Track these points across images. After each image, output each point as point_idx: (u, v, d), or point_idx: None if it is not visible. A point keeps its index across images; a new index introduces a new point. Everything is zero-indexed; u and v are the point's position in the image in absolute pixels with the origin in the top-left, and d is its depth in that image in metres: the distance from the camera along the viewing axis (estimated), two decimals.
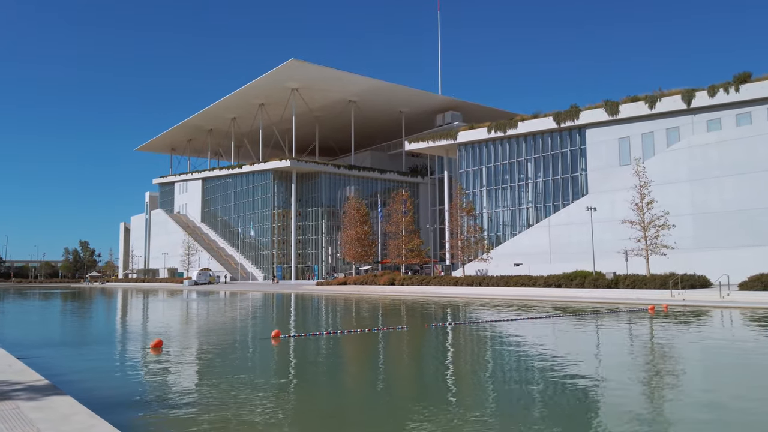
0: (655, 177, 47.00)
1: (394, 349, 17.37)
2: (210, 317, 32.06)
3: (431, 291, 50.30)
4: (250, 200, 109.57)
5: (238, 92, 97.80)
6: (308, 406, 10.34)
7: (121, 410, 9.56)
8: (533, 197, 64.00)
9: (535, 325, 22.45)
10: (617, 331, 20.90)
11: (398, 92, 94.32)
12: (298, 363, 15.20)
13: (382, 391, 11.44)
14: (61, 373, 12.54)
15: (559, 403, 10.06)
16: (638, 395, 10.70)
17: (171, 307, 43.27)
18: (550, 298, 37.76)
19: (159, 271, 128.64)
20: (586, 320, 24.28)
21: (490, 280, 48.18)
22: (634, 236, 41.58)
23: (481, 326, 22.25)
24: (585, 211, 55.12)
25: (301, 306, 40.33)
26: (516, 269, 57.63)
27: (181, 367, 14.44)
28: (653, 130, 52.72)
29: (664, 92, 51.95)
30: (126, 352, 17.51)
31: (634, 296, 34.86)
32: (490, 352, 16.27)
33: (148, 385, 11.97)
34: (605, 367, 13.69)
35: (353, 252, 65.71)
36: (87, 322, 31.61)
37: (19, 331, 25.19)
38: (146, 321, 30.67)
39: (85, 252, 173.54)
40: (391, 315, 30.20)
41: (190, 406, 9.89)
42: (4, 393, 9.21)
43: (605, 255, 49.17)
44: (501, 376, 12.67)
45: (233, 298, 53.58)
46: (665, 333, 19.87)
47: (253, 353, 16.97)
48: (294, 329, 22.41)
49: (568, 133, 60.52)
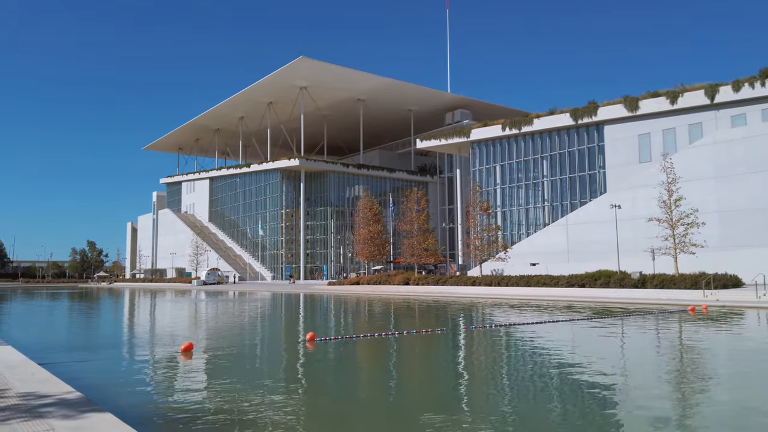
0: (679, 174, 45.78)
1: (444, 355, 16.24)
2: (232, 318, 30.99)
3: (448, 291, 49.21)
4: (259, 200, 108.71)
5: (246, 91, 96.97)
6: (383, 421, 9.29)
7: (170, 429, 8.57)
8: (549, 195, 62.86)
9: (580, 329, 21.29)
10: (671, 335, 19.66)
11: (407, 90, 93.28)
12: (344, 369, 14.13)
13: (454, 402, 10.37)
14: (91, 383, 11.47)
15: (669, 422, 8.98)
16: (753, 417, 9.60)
17: (187, 307, 42.21)
18: (575, 298, 36.61)
19: (166, 271, 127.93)
20: (630, 323, 23.13)
21: (510, 280, 47.05)
22: (660, 234, 40.36)
23: (522, 329, 21.11)
24: (604, 210, 54.02)
25: (321, 307, 39.25)
26: (533, 269, 56.51)
27: (219, 374, 13.34)
28: (675, 126, 51.51)
29: (686, 87, 50.76)
30: (155, 356, 16.33)
31: (664, 297, 33.69)
32: (545, 359, 15.17)
33: (190, 396, 10.86)
34: (691, 383, 12.58)
35: (366, 251, 64.65)
36: (103, 323, 30.61)
37: (33, 333, 24.12)
38: (166, 322, 29.52)
39: (92, 252, 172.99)
40: (420, 316, 29.05)
41: (249, 424, 8.79)
42: (33, 409, 8.18)
43: (626, 254, 48.01)
44: (567, 387, 11.59)
45: (248, 299, 52.60)
46: (725, 337, 18.74)
47: (292, 358, 15.83)
48: (325, 331, 21.33)
49: (585, 130, 59.35)
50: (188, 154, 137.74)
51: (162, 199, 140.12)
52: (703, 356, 15.11)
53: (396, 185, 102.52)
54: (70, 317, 35.31)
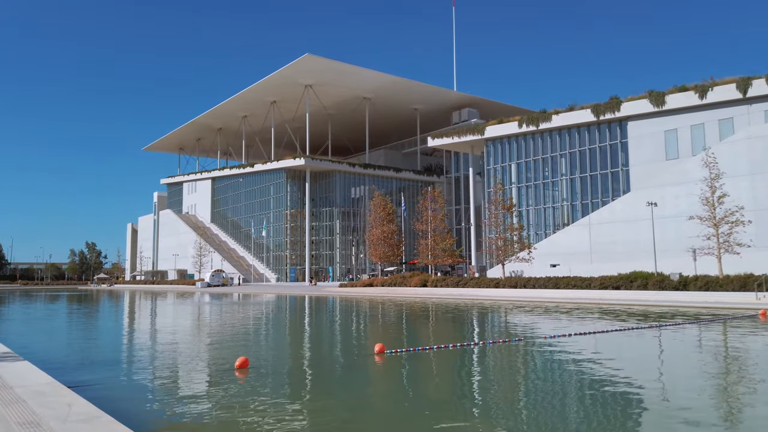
0: (713, 171, 43.94)
1: (557, 371, 13.55)
2: (267, 325, 28.23)
3: (471, 293, 47.19)
4: (262, 200, 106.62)
5: (250, 89, 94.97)
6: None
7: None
8: (568, 194, 60.95)
9: (672, 336, 19.18)
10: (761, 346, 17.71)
11: (413, 89, 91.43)
12: (447, 390, 11.65)
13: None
14: (146, 419, 9.27)
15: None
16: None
17: (209, 311, 39.37)
18: (614, 301, 34.64)
19: (168, 273, 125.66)
20: (700, 329, 21.16)
21: (536, 282, 45.06)
22: (702, 233, 38.38)
23: (607, 337, 18.76)
24: (630, 208, 52.25)
25: (356, 311, 36.60)
26: (553, 270, 54.59)
27: (294, 396, 11.09)
28: (704, 122, 49.64)
29: (716, 81, 48.92)
30: (205, 375, 13.57)
31: (711, 300, 31.74)
32: (675, 371, 13.17)
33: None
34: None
35: (379, 252, 62.54)
36: (120, 330, 27.97)
37: (44, 343, 21.60)
38: (193, 329, 26.50)
39: (91, 253, 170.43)
40: (474, 323, 26.61)
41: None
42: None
43: (654, 254, 46.22)
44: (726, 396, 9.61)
45: (265, 302, 50.41)
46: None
47: (375, 377, 13.28)
48: (383, 340, 18.82)
49: (607, 126, 57.46)
50: (189, 154, 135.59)
51: (163, 199, 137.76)
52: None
53: (402, 185, 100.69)
54: (80, 322, 32.87)
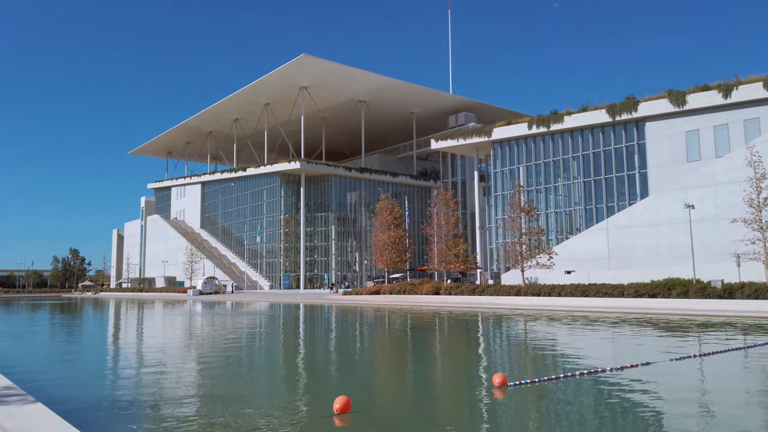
0: (736, 175, 42.08)
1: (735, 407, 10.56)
2: (328, 346, 22.56)
3: (490, 302, 44.65)
4: (255, 205, 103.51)
5: (243, 91, 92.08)
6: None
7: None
8: (581, 198, 58.81)
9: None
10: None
11: (409, 91, 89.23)
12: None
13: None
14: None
15: None
16: None
17: (231, 323, 35.63)
18: (659, 311, 32.22)
19: (155, 280, 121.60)
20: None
21: (562, 290, 42.62)
22: (748, 237, 36.25)
23: (735, 356, 16.25)
24: (650, 212, 50.32)
25: (401, 323, 32.94)
26: (569, 277, 52.34)
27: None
28: (728, 122, 47.78)
29: (741, 80, 47.12)
30: (299, 424, 9.78)
31: (765, 309, 29.57)
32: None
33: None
34: None
35: (386, 258, 59.79)
36: (132, 349, 23.57)
37: (44, 368, 17.76)
38: (240, 354, 20.26)
39: (75, 260, 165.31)
40: (551, 338, 23.62)
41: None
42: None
43: (679, 260, 44.33)
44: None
45: (281, 313, 47.32)
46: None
47: (523, 420, 9.85)
48: (486, 367, 15.56)
49: (622, 127, 55.47)
50: (178, 158, 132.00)
51: (151, 204, 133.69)
52: None
53: (399, 190, 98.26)
54: (81, 341, 28.33)
